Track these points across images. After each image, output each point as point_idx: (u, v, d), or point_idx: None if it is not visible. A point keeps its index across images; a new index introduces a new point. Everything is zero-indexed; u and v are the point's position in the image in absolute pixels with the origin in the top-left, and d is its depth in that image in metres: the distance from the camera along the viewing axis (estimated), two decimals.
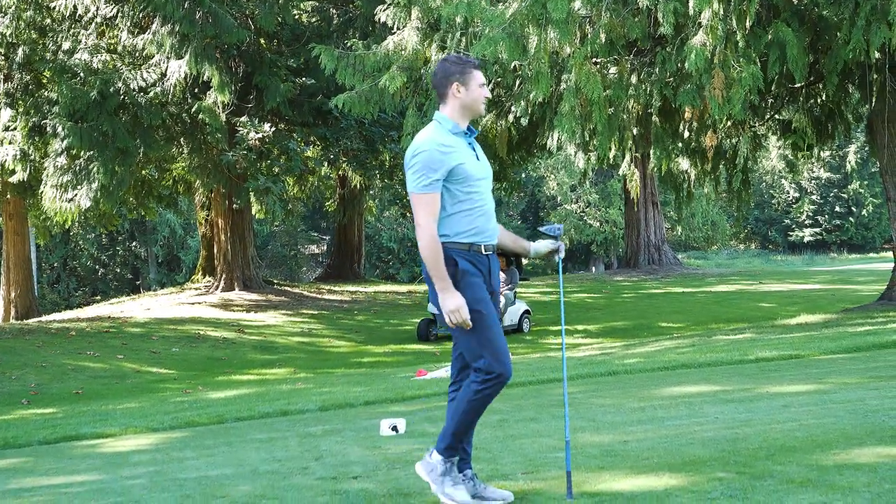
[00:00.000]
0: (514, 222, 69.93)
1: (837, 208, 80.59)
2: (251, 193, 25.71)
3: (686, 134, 20.21)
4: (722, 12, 14.05)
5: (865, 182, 77.88)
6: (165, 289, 38.50)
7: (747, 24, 14.58)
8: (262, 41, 26.33)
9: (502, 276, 23.08)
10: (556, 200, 68.63)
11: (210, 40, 22.38)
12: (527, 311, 23.72)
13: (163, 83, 22.77)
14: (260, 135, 23.84)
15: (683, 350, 14.41)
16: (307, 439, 7.10)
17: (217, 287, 30.09)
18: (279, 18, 24.49)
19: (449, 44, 16.99)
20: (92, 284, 55.13)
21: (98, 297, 47.05)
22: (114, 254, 55.94)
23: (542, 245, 5.27)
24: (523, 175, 54.28)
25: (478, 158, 4.90)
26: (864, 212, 79.46)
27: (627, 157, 21.84)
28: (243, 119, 24.42)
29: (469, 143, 4.91)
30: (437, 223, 4.70)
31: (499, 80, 18.55)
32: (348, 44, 18.99)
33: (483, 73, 5.06)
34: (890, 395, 7.07)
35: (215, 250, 31.32)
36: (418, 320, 23.39)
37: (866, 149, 28.08)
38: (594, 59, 16.12)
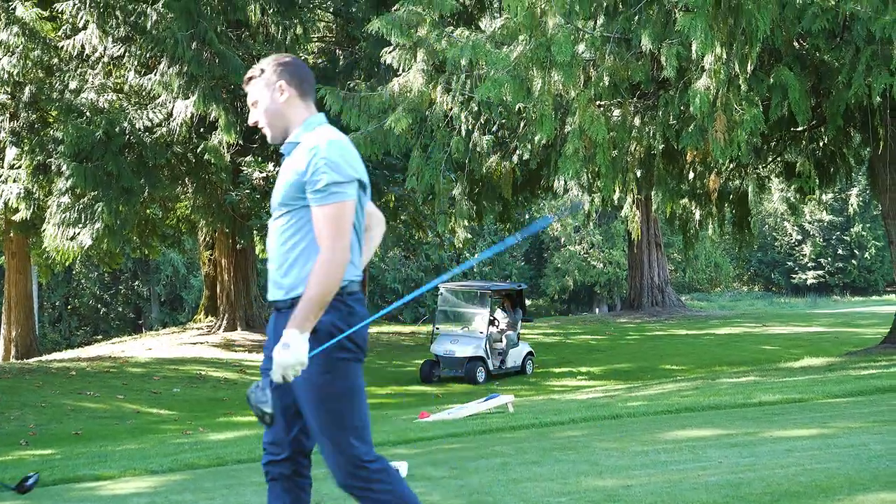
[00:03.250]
0: (517, 263, 69.86)
1: (840, 251, 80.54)
2: (255, 233, 25.69)
3: (689, 176, 20.28)
4: (725, 56, 14.12)
5: (868, 225, 77.89)
6: (167, 328, 38.46)
7: (749, 67, 14.66)
8: None
9: (505, 316, 23.10)
10: (559, 241, 68.65)
11: (217, 81, 22.51)
12: (530, 353, 23.67)
13: (169, 123, 22.88)
14: (264, 174, 23.92)
15: (687, 393, 14.36)
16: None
17: (219, 327, 30.05)
18: None
19: (454, 86, 17.11)
20: (93, 323, 55.05)
21: (100, 337, 46.99)
22: (116, 293, 55.91)
23: None
24: (527, 216, 54.37)
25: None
26: (866, 255, 79.40)
27: (629, 199, 21.90)
28: (248, 159, 24.52)
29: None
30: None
31: (503, 121, 18.66)
32: (353, 85, 19.10)
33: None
34: (894, 439, 7.04)
35: (218, 290, 31.31)
36: (421, 362, 23.35)
37: (868, 192, 28.18)
38: (598, 102, 16.20)
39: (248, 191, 24.24)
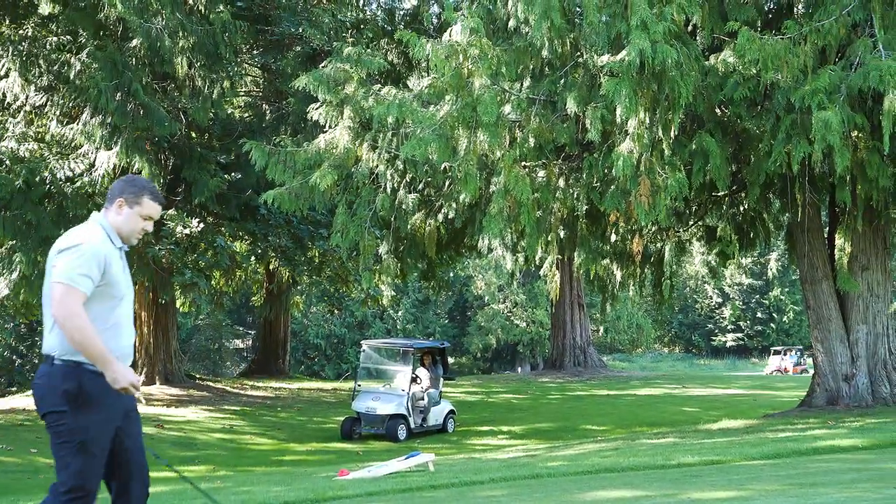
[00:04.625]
0: (441, 321, 69.87)
1: (759, 314, 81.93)
2: (177, 288, 25.39)
3: (612, 237, 20.50)
4: (648, 121, 14.35)
5: (786, 289, 79.44)
6: None
7: (672, 133, 14.93)
8: (194, 135, 26.32)
9: (427, 374, 23.02)
10: (483, 300, 68.86)
11: (141, 132, 22.31)
12: (451, 411, 23.58)
13: (91, 173, 22.56)
14: (188, 230, 23.66)
15: (607, 453, 14.39)
16: None
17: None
18: (212, 113, 24.51)
19: (380, 143, 17.17)
20: (8, 375, 53.76)
21: (14, 389, 45.88)
22: (32, 344, 54.68)
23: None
24: (451, 274, 54.47)
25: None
26: (784, 318, 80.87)
27: (549, 259, 22.06)
28: (171, 212, 24.27)
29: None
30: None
31: (429, 179, 18.72)
32: (279, 140, 19.05)
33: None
34: (809, 502, 7.10)
35: (137, 343, 30.82)
36: (342, 418, 23.14)
37: (786, 257, 28.81)
38: (523, 163, 16.34)
39: (171, 245, 23.95)
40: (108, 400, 4.85)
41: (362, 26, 24.96)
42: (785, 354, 58.90)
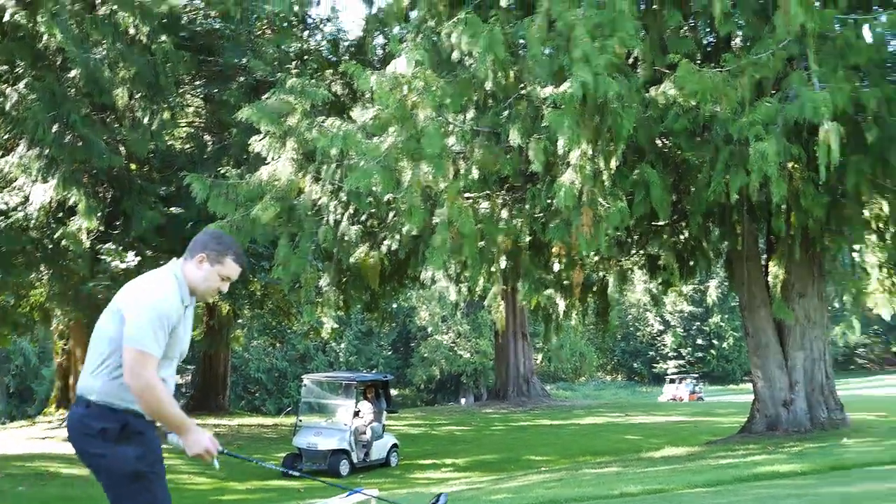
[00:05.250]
0: (384, 353, 69.67)
1: (700, 341, 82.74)
2: None
3: (555, 267, 20.59)
4: (590, 152, 14.46)
5: (726, 316, 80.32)
6: (15, 422, 36.97)
7: (614, 164, 15.06)
8: (133, 167, 26.02)
9: (370, 408, 22.88)
10: (427, 331, 68.79)
11: (79, 165, 22.01)
12: (395, 445, 23.45)
13: (26, 207, 22.19)
14: (125, 264, 23.28)
15: (551, 485, 14.39)
16: None
17: None
18: (152, 144, 24.25)
19: (324, 175, 17.12)
20: None
21: None
22: None
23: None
24: (395, 305, 54.35)
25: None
26: (724, 345, 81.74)
27: (493, 289, 22.09)
28: (108, 246, 23.88)
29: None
30: None
31: (372, 211, 18.68)
32: (222, 171, 18.91)
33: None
34: None
35: (71, 381, 30.29)
36: (283, 455, 22.87)
37: (726, 284, 29.11)
38: (466, 194, 16.37)
39: (107, 281, 23.55)
40: (149, 434, 4.68)
41: (306, 57, 24.89)
42: (680, 383, 59.43)
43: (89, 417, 4.58)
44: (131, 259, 23.67)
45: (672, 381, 60.97)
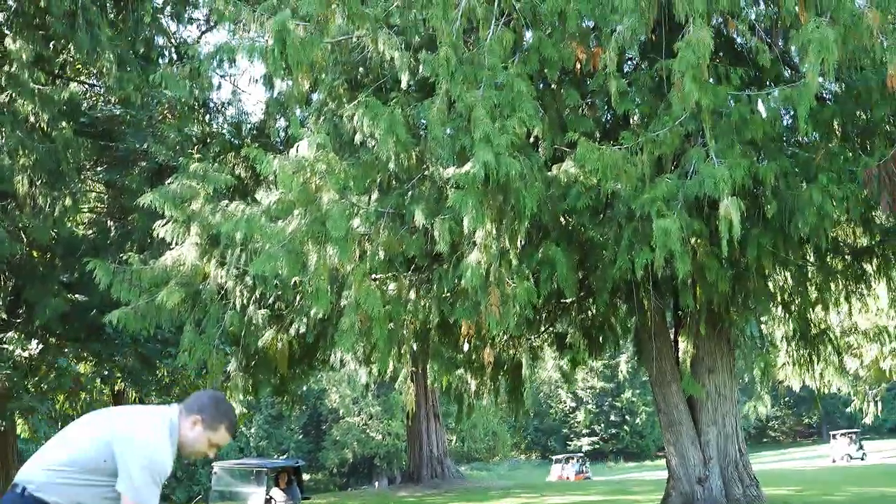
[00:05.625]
0: (295, 437, 68.73)
1: (612, 417, 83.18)
2: (16, 414, 24.34)
3: (465, 347, 20.57)
4: (495, 232, 14.52)
5: (637, 391, 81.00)
6: None
7: (519, 242, 15.17)
8: (35, 254, 25.51)
9: (282, 495, 22.48)
10: (338, 413, 68.11)
11: None
12: None
13: None
14: (27, 352, 22.75)
15: None
16: None
17: None
18: (54, 231, 23.83)
19: (228, 259, 16.95)
20: None
21: None
22: None
23: None
24: (304, 388, 53.76)
25: None
26: (637, 420, 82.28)
27: (404, 371, 21.97)
28: (10, 335, 23.35)
29: None
30: None
31: (279, 294, 18.52)
32: (125, 257, 18.64)
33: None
34: None
35: None
36: None
37: (636, 359, 29.44)
38: (373, 276, 16.31)
39: (8, 370, 22.95)
40: None
41: (209, 140, 24.75)
42: (567, 462, 59.57)
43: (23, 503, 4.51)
44: (33, 347, 23.18)
45: (558, 461, 60.99)
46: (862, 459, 54.01)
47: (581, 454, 62.82)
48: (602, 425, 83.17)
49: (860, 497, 24.33)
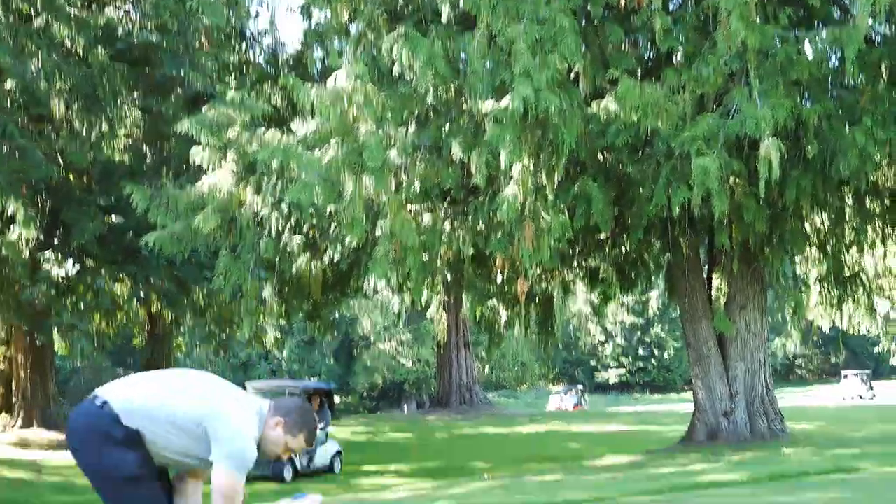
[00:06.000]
0: (326, 361, 69.38)
1: (641, 351, 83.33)
2: (54, 329, 24.71)
3: (498, 279, 20.65)
4: (532, 167, 14.53)
5: (667, 326, 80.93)
6: None
7: (556, 178, 15.15)
8: (72, 177, 25.68)
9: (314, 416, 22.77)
10: (369, 340, 68.62)
11: (16, 174, 21.70)
12: (338, 451, 23.36)
13: None
14: (63, 270, 23.04)
15: (494, 492, 14.42)
16: None
17: (14, 425, 28.59)
18: (91, 155, 23.95)
19: (264, 187, 17.03)
20: None
21: None
22: None
23: None
24: (337, 315, 54.10)
25: None
26: (665, 355, 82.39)
27: (436, 302, 22.12)
28: (47, 254, 23.63)
29: None
30: None
31: (314, 223, 18.63)
32: (162, 183, 18.77)
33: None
34: None
35: (13, 386, 29.86)
36: None
37: (667, 295, 29.47)
38: (409, 206, 16.37)
39: (45, 287, 23.27)
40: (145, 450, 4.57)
41: (246, 69, 24.71)
42: (566, 394, 60.06)
43: (101, 417, 4.52)
44: (70, 267, 23.45)
45: (557, 392, 61.61)
46: (872, 399, 54.17)
47: (580, 386, 63.18)
48: (630, 358, 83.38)
49: (883, 434, 24.40)
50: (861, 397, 55.14)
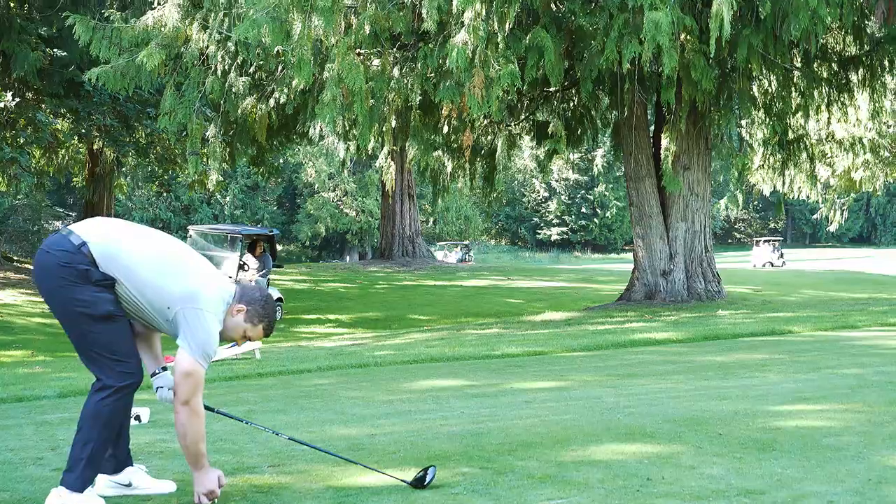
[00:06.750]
0: (269, 207, 69.23)
1: (584, 209, 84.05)
2: None
3: (445, 129, 20.56)
4: (484, 13, 14.32)
5: (611, 186, 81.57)
6: None
7: (507, 26, 14.96)
8: (12, 5, 24.91)
9: (255, 262, 22.80)
10: (313, 188, 68.43)
11: None
12: (279, 299, 23.48)
13: None
14: (3, 104, 22.55)
15: (433, 343, 14.62)
16: (43, 427, 6.75)
17: None
18: None
19: (211, 23, 16.64)
20: None
21: None
22: None
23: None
24: (281, 161, 53.78)
25: None
26: (608, 214, 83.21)
27: (385, 150, 21.99)
28: None
29: None
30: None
31: (261, 63, 18.31)
32: (106, 14, 18.27)
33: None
34: (625, 392, 7.38)
35: None
36: None
37: (612, 154, 29.52)
38: (358, 50, 16.12)
39: None
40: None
41: None
42: (451, 251, 60.39)
43: (77, 256, 4.37)
44: (9, 98, 22.96)
45: (441, 248, 61.78)
46: (782, 266, 55.36)
47: (466, 244, 63.52)
48: (573, 216, 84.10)
49: (813, 299, 25.05)
50: (772, 265, 56.29)
